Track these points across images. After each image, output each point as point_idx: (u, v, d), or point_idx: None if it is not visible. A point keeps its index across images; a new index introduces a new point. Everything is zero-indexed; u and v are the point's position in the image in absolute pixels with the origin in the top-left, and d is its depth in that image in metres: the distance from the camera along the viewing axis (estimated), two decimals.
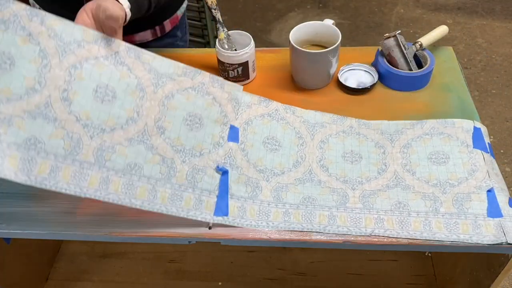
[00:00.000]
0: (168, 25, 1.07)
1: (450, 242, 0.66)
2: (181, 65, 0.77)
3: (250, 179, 0.74)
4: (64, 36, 0.65)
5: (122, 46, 0.71)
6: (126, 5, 0.75)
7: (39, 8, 1.00)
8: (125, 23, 0.76)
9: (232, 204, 0.71)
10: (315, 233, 0.68)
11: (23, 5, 0.63)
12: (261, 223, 0.69)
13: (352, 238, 0.68)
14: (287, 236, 0.68)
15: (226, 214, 0.69)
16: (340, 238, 0.68)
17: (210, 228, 0.70)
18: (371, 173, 0.75)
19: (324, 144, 0.80)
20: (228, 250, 1.15)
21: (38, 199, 0.74)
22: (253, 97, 0.83)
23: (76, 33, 0.66)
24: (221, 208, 0.70)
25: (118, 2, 0.73)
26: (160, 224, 0.71)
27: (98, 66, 0.67)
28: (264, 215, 0.70)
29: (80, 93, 0.65)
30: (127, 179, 0.66)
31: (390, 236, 0.67)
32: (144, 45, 0.96)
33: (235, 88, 0.81)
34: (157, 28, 1.04)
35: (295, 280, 1.10)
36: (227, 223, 0.69)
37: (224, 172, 0.73)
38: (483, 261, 0.81)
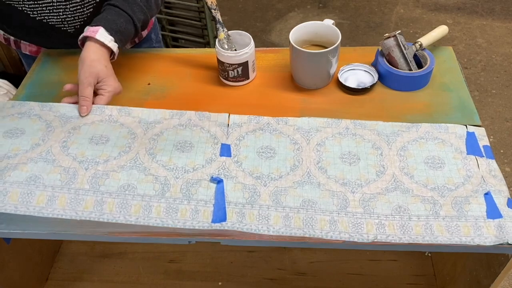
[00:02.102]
0: (144, 31, 1.06)
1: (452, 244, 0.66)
2: (168, 111, 0.85)
3: (247, 186, 0.73)
4: (67, 113, 0.84)
5: (114, 110, 0.84)
6: (108, 39, 0.81)
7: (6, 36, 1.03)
8: (114, 58, 0.85)
9: (230, 210, 0.70)
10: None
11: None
12: (262, 227, 0.68)
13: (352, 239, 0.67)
14: (287, 237, 0.68)
15: (224, 220, 0.69)
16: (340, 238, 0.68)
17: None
18: (370, 175, 0.75)
19: (320, 147, 0.79)
20: (228, 250, 1.15)
21: None
22: (242, 117, 0.84)
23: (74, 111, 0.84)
24: (219, 215, 0.69)
25: (99, 42, 0.80)
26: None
27: (94, 126, 0.82)
28: (264, 219, 0.69)
29: (77, 142, 0.79)
30: (121, 199, 0.71)
31: (392, 242, 0.66)
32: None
33: (221, 117, 0.84)
34: None
35: (295, 280, 1.10)
36: (225, 228, 0.68)
37: (219, 181, 0.73)
38: (483, 261, 0.81)
